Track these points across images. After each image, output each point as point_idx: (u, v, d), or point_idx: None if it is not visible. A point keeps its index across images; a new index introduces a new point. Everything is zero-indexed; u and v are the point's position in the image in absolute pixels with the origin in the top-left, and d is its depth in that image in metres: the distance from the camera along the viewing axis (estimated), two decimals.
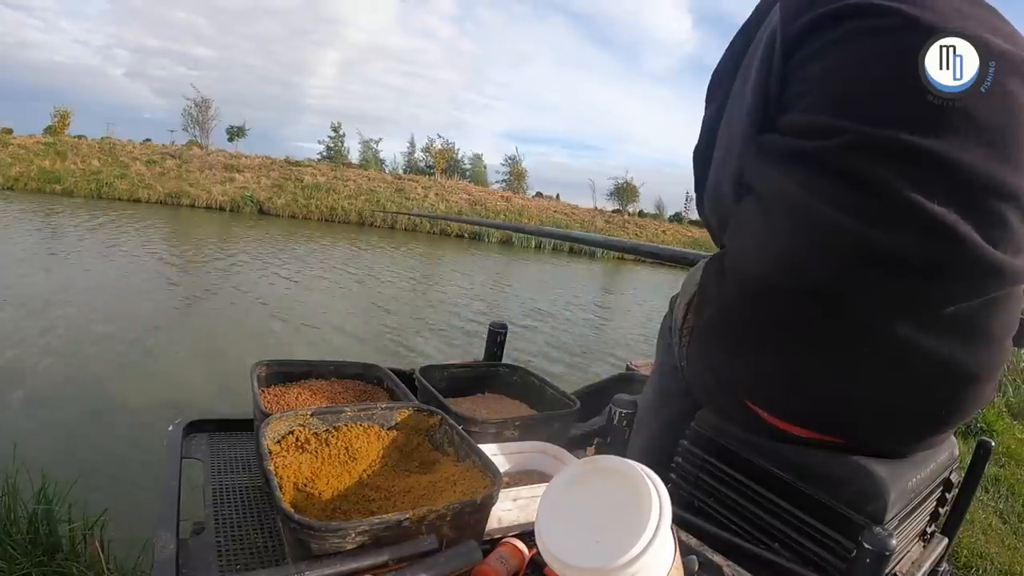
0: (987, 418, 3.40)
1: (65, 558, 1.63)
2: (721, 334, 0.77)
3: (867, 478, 0.69)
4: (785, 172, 0.65)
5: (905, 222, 0.59)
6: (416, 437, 0.71)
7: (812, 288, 0.64)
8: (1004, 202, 0.60)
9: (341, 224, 18.63)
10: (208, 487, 0.72)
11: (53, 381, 3.73)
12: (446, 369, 1.02)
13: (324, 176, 22.59)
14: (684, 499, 0.84)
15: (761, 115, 0.68)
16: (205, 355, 4.66)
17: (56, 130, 23.66)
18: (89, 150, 20.55)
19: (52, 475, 1.86)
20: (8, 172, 16.82)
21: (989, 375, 0.68)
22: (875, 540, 0.61)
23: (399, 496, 0.60)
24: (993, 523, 2.35)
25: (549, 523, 0.44)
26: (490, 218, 22.05)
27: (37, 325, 4.73)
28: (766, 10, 0.71)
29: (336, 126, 32.43)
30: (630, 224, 27.21)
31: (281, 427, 0.63)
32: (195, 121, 26.73)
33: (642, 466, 0.44)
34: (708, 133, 0.80)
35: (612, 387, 1.41)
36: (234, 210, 18.25)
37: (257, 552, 0.62)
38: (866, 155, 0.59)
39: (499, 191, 29.61)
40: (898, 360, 0.64)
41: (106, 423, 3.25)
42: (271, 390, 0.83)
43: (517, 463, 0.79)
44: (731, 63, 0.76)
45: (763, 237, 0.68)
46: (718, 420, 0.81)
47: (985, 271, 0.60)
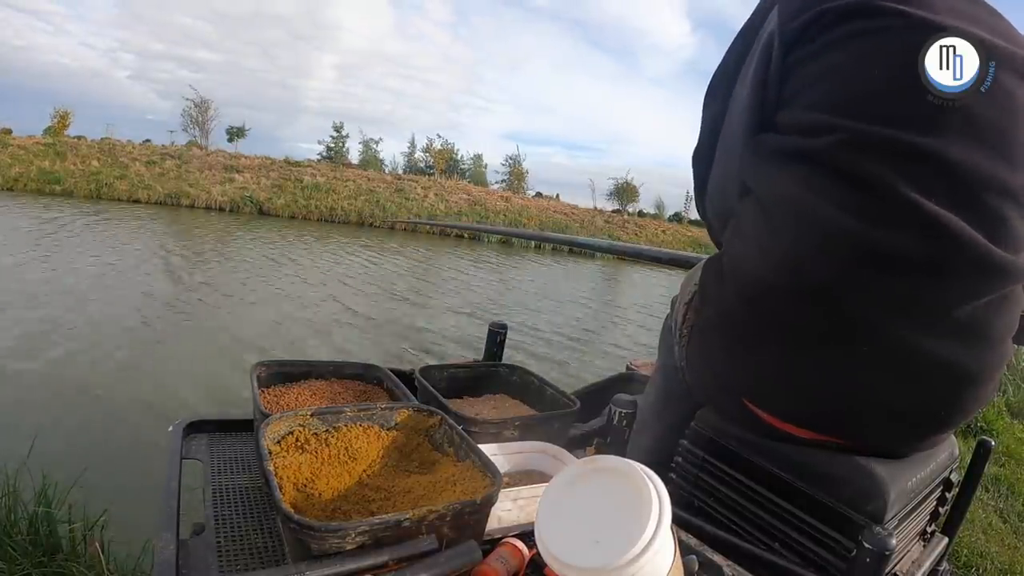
0: (987, 417, 3.40)
1: (65, 559, 1.63)
2: (721, 334, 0.76)
3: (867, 477, 0.68)
4: (784, 171, 0.65)
5: (905, 222, 0.59)
6: (416, 437, 0.71)
7: (812, 288, 0.64)
8: (1005, 201, 0.60)
9: (341, 224, 18.63)
10: (208, 487, 0.72)
11: (53, 382, 3.74)
12: (446, 369, 1.02)
13: (324, 176, 22.60)
14: (684, 499, 0.84)
15: (759, 114, 0.68)
16: (205, 355, 4.66)
17: (56, 131, 23.67)
18: (89, 151, 20.56)
19: (52, 476, 1.87)
20: (8, 173, 16.83)
21: (990, 375, 0.68)
22: (875, 540, 0.61)
23: (399, 496, 0.59)
24: (993, 522, 2.35)
25: (549, 523, 0.44)
26: (490, 218, 22.05)
27: (37, 325, 4.73)
28: (765, 11, 0.71)
29: (338, 126, 32.55)
30: (630, 224, 27.24)
31: (281, 427, 0.63)
32: (195, 122, 26.78)
33: (642, 466, 0.44)
34: (708, 134, 0.80)
35: (612, 387, 1.41)
36: (234, 210, 18.26)
37: (257, 552, 0.62)
38: (866, 154, 0.59)
39: (499, 191, 29.64)
40: (898, 360, 0.64)
41: (106, 424, 3.25)
42: (271, 390, 0.83)
43: (517, 463, 0.79)
44: (730, 65, 0.76)
45: (762, 238, 0.68)
46: (718, 420, 0.81)
47: (986, 270, 0.60)
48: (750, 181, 0.70)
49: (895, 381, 0.65)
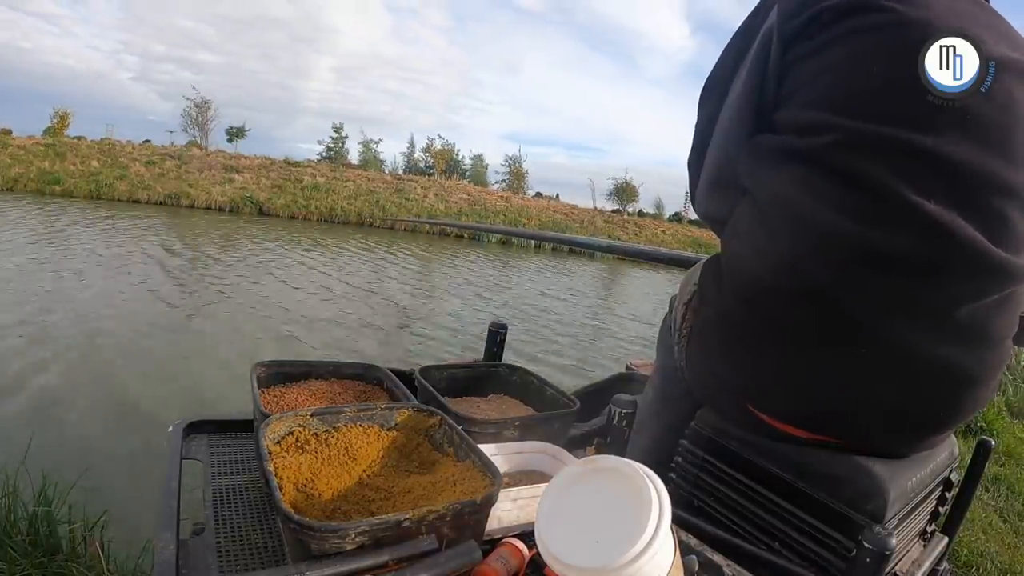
0: (987, 417, 3.40)
1: (65, 559, 1.63)
2: (720, 335, 0.76)
3: (867, 477, 0.68)
4: (781, 172, 0.65)
5: (904, 222, 0.58)
6: (416, 437, 0.71)
7: (810, 289, 0.64)
8: (1005, 201, 0.60)
9: (341, 224, 18.63)
10: (208, 488, 0.72)
11: (53, 383, 3.74)
12: (446, 369, 1.02)
13: (324, 177, 22.59)
14: (684, 499, 0.84)
15: (756, 114, 0.68)
16: (205, 356, 4.66)
17: (55, 131, 23.67)
18: (88, 151, 20.56)
19: (52, 476, 1.86)
20: (7, 173, 16.83)
21: (989, 376, 0.68)
22: (875, 539, 0.61)
23: (399, 496, 0.59)
24: (993, 522, 2.35)
25: (549, 523, 0.44)
26: (489, 218, 22.05)
27: (37, 325, 4.73)
28: (764, 11, 0.71)
29: (338, 127, 32.58)
30: (629, 224, 27.23)
31: (281, 428, 0.63)
32: (194, 122, 26.79)
33: (642, 466, 0.44)
34: (704, 136, 0.80)
35: (612, 387, 1.41)
36: (234, 211, 18.25)
37: (257, 553, 0.62)
38: (864, 154, 0.59)
39: (499, 191, 29.64)
40: (898, 361, 0.64)
41: (106, 424, 3.25)
42: (271, 391, 0.83)
43: (517, 463, 0.79)
44: (728, 64, 0.75)
45: (760, 238, 0.68)
46: (718, 420, 0.81)
47: (986, 270, 0.60)
48: (747, 182, 0.70)
49: (895, 382, 0.65)
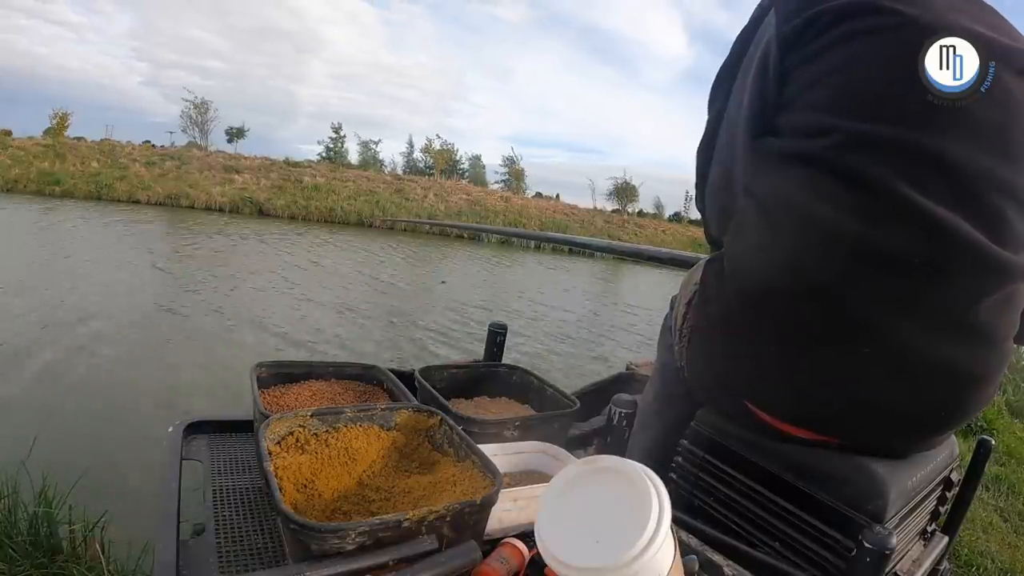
0: (987, 416, 3.40)
1: (66, 560, 1.63)
2: (721, 334, 0.76)
3: (867, 477, 0.68)
4: (784, 174, 0.65)
5: (906, 222, 0.58)
6: (416, 438, 0.71)
7: (813, 289, 0.64)
8: (1006, 201, 0.60)
9: (341, 225, 18.63)
10: (208, 488, 0.72)
11: (53, 383, 3.73)
12: (446, 370, 1.02)
13: (323, 177, 22.60)
14: (684, 499, 0.84)
15: (758, 117, 0.68)
16: (205, 356, 4.65)
17: (55, 132, 23.66)
18: (88, 152, 20.57)
19: (52, 477, 1.86)
20: (7, 174, 16.83)
21: (990, 376, 0.68)
22: (875, 539, 0.61)
23: (399, 496, 0.60)
24: (994, 521, 2.35)
25: (549, 523, 0.44)
26: (489, 218, 22.06)
27: (36, 326, 4.73)
28: (764, 13, 0.71)
29: (337, 127, 32.56)
30: (629, 224, 27.26)
31: (281, 428, 0.63)
32: (194, 123, 26.80)
33: (642, 466, 0.44)
34: (711, 134, 0.80)
35: (612, 387, 1.41)
36: (234, 211, 18.24)
37: (257, 553, 0.62)
38: (866, 155, 0.59)
39: (498, 191, 29.65)
40: (899, 361, 0.64)
41: (106, 425, 3.24)
42: (271, 391, 0.83)
43: (517, 463, 0.79)
44: (733, 64, 0.76)
45: (764, 239, 0.68)
46: (718, 420, 0.81)
47: (987, 269, 0.60)
48: (751, 184, 0.70)
49: (896, 381, 0.65)
